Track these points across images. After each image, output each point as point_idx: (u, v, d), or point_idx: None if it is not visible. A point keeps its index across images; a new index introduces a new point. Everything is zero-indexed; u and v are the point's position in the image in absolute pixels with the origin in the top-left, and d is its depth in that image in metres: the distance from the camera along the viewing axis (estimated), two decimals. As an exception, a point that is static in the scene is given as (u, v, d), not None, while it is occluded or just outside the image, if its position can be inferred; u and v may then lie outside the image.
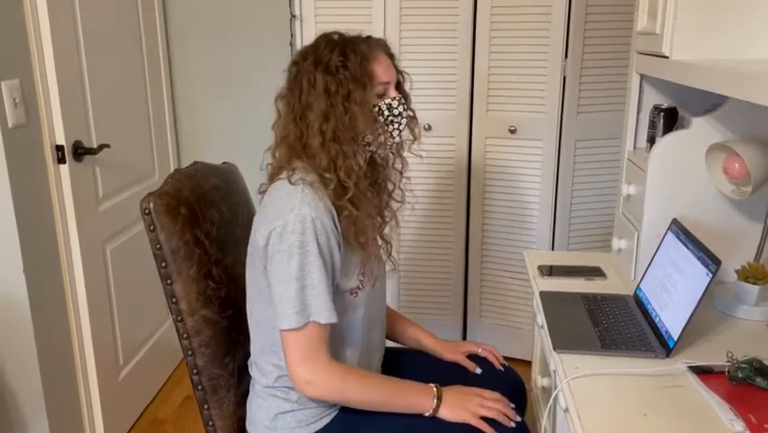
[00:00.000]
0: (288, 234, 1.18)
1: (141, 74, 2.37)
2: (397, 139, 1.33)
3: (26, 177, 1.74)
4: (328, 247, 1.20)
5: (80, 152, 1.92)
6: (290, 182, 1.22)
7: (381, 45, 1.30)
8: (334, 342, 1.27)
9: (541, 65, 2.32)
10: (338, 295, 1.27)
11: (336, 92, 1.22)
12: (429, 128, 2.46)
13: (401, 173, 1.38)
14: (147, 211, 1.31)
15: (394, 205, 1.42)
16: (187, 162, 1.58)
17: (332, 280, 1.23)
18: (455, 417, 1.27)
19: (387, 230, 1.43)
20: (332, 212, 1.22)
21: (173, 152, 2.63)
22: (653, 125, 1.64)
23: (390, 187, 1.39)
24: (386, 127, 1.29)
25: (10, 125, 1.66)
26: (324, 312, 1.19)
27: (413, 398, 1.28)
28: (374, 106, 1.27)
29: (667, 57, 1.41)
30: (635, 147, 1.75)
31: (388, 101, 1.29)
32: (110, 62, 2.13)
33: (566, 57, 2.29)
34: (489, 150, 2.46)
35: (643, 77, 1.69)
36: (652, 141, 1.64)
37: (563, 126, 2.36)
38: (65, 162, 1.86)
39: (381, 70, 1.27)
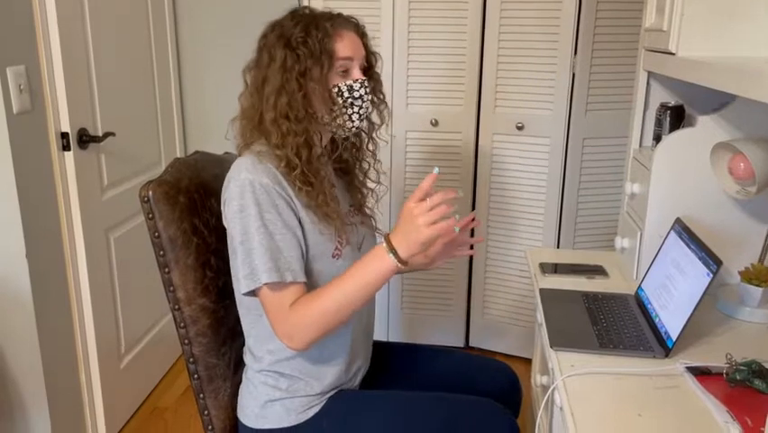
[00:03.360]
0: (230, 202, 1.20)
1: (148, 63, 2.37)
2: (357, 123, 1.30)
3: (30, 163, 1.75)
4: (273, 206, 1.18)
5: (85, 139, 1.93)
6: (239, 155, 1.25)
7: (351, 23, 1.28)
8: None
9: (550, 61, 2.30)
10: (320, 261, 1.26)
11: (292, 67, 1.21)
12: (436, 123, 2.44)
13: (374, 154, 1.37)
14: (146, 199, 1.31)
15: (370, 183, 1.42)
16: (193, 153, 1.59)
17: (294, 235, 1.20)
18: (416, 248, 1.15)
19: (370, 204, 1.43)
20: (276, 175, 1.20)
21: (180, 143, 2.64)
22: (659, 123, 1.63)
23: (366, 166, 1.39)
24: (344, 109, 1.26)
25: (15, 111, 1.67)
26: (266, 272, 1.17)
27: (374, 272, 1.18)
28: (334, 86, 1.25)
29: (674, 54, 1.39)
30: (640, 145, 1.73)
31: (349, 82, 1.26)
32: (117, 50, 2.14)
33: (575, 54, 2.27)
34: (496, 146, 2.45)
35: (650, 74, 1.67)
36: (658, 139, 1.62)
37: (571, 124, 2.34)
38: (69, 150, 1.87)
39: (343, 48, 1.24)
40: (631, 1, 2.18)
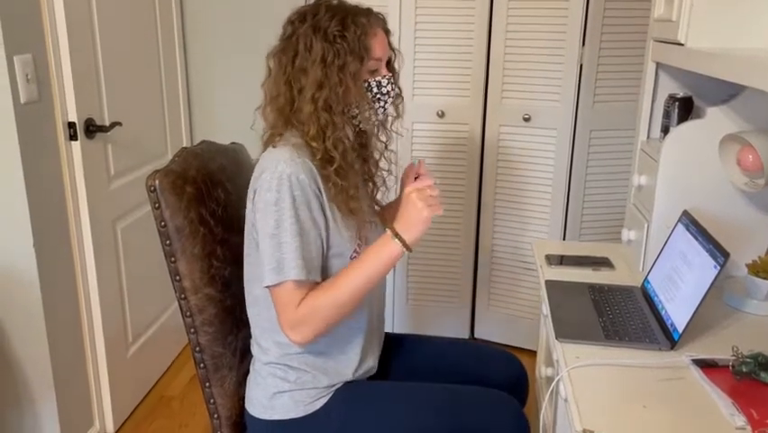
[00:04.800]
0: (264, 193, 1.19)
1: (155, 52, 2.37)
2: (381, 116, 1.34)
3: (38, 153, 1.75)
4: (305, 203, 1.19)
5: (92, 129, 1.93)
6: (273, 147, 1.24)
7: (380, 20, 1.30)
8: None
9: (557, 53, 2.28)
10: (338, 261, 1.27)
11: (332, 62, 1.21)
12: (442, 115, 2.44)
13: (386, 145, 1.40)
14: (152, 188, 1.31)
15: (382, 173, 1.43)
16: (199, 143, 1.59)
17: (318, 235, 1.22)
18: (420, 232, 1.21)
19: (379, 196, 1.46)
20: (312, 170, 1.21)
21: (186, 132, 2.64)
22: (667, 115, 1.62)
23: (377, 156, 1.41)
24: (372, 104, 1.29)
25: (22, 101, 1.67)
26: (295, 268, 1.18)
27: (381, 260, 1.22)
28: (364, 81, 1.27)
29: (683, 44, 1.38)
30: (648, 137, 1.72)
31: (378, 78, 1.29)
32: (124, 39, 2.14)
33: (583, 45, 2.26)
34: (503, 138, 2.44)
35: (659, 65, 1.66)
36: (666, 130, 1.62)
37: (579, 116, 2.33)
38: (77, 139, 1.88)
39: (378, 46, 1.27)
40: (640, -8, 2.17)
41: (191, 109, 2.69)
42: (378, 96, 1.30)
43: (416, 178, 1.37)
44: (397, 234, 1.21)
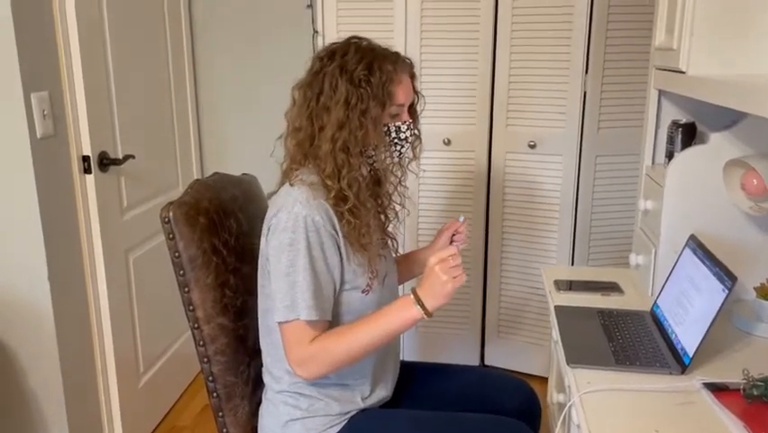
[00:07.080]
0: (280, 232, 1.22)
1: (166, 87, 2.42)
2: (396, 159, 1.36)
3: (53, 186, 1.79)
4: (319, 244, 1.22)
5: (106, 162, 1.97)
6: (290, 184, 1.27)
7: (407, 65, 1.33)
8: None
9: (561, 80, 2.32)
10: (350, 294, 1.29)
11: (355, 105, 1.24)
12: (448, 143, 2.47)
13: (400, 180, 1.42)
14: (166, 220, 1.34)
15: (395, 206, 1.46)
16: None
17: (331, 276, 1.25)
18: (442, 303, 1.22)
19: (390, 228, 1.47)
20: (327, 211, 1.24)
21: (197, 164, 2.68)
22: (671, 141, 1.64)
23: (390, 189, 1.43)
24: (389, 147, 1.32)
25: (39, 136, 1.71)
26: (306, 309, 1.21)
27: (400, 321, 1.24)
28: (384, 125, 1.29)
29: (684, 72, 1.41)
30: (653, 162, 1.74)
31: (398, 124, 1.31)
32: (137, 75, 2.19)
33: (587, 72, 2.29)
34: (509, 164, 2.46)
35: (661, 92, 1.69)
36: (670, 156, 1.63)
37: (584, 141, 2.36)
38: (91, 173, 1.91)
39: (401, 93, 1.29)
40: (641, 20, 2.21)
41: (201, 142, 2.73)
42: (395, 140, 1.32)
43: (454, 234, 1.46)
44: (419, 301, 1.22)
